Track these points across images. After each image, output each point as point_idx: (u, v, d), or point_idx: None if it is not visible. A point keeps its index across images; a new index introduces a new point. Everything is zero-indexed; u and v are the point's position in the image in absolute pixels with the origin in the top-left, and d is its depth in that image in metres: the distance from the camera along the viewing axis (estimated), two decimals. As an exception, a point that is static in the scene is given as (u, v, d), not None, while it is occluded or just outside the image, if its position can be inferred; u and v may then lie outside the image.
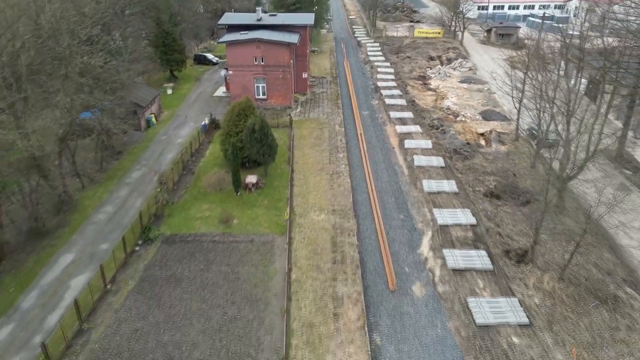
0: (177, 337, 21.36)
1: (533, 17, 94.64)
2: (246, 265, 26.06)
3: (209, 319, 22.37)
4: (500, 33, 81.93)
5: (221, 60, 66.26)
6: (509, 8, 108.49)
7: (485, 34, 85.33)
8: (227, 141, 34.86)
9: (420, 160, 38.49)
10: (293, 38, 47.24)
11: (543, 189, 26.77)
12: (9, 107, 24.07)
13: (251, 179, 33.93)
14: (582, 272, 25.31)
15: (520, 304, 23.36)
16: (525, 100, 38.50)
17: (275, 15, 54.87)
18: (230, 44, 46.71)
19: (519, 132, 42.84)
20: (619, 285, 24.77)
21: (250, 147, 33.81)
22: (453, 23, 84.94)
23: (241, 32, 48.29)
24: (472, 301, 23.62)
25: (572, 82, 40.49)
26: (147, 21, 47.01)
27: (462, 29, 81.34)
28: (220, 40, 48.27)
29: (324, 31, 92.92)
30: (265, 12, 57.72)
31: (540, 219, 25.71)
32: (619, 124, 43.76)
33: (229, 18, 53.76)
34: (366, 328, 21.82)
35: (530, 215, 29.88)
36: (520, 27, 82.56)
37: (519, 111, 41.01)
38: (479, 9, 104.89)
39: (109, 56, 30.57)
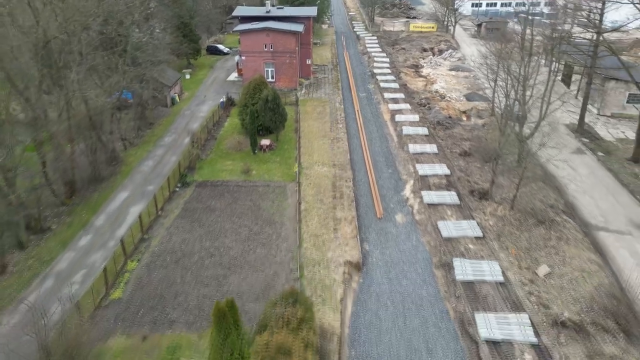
0: (216, 244, 28.90)
1: (523, 13, 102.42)
2: (265, 201, 33.63)
3: (238, 233, 29.91)
4: (490, 27, 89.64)
5: (232, 51, 74.00)
6: (501, 5, 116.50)
7: (476, 29, 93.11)
8: (245, 112, 42.43)
9: (408, 130, 46.02)
10: (298, 27, 54.99)
11: (505, 146, 34.37)
12: (88, 70, 31.81)
13: (265, 141, 41.53)
14: (529, 204, 32.82)
15: (478, 224, 30.90)
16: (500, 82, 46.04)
17: (282, 8, 62.58)
18: (243, 32, 54.43)
19: (495, 108, 50.39)
20: (557, 213, 32.29)
21: (264, 115, 41.37)
22: (446, 18, 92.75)
23: (252, 23, 55.99)
24: (440, 223, 31.14)
25: (540, 67, 47.93)
26: (169, 13, 54.62)
27: (453, 24, 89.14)
28: (235, 29, 56.05)
29: (325, 26, 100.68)
30: (273, 5, 65.27)
31: (495, 163, 33.30)
32: (591, 107, 51.34)
33: (242, 10, 61.56)
34: (358, 237, 29.39)
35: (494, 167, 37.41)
36: (508, 22, 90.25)
37: (494, 89, 48.55)
38: (472, 6, 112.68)
39: (150, 38, 38.30)
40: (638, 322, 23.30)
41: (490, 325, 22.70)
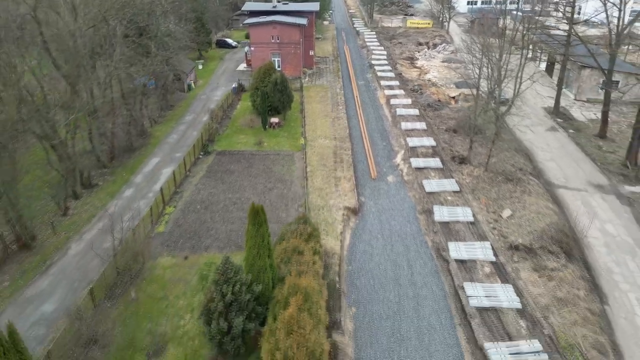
0: (237, 195, 35.35)
1: (516, 11, 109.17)
2: (276, 165, 40.09)
3: (255, 188, 36.35)
4: (482, 23, 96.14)
5: (239, 45, 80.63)
6: (496, 3, 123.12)
7: (470, 24, 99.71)
8: (256, 93, 48.87)
9: (401, 111, 52.48)
10: (302, 21, 61.60)
11: (484, 120, 40.88)
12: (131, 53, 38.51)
13: (274, 119, 48.01)
14: (501, 167, 39.23)
15: (456, 182, 37.32)
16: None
17: (287, 3, 69.20)
18: (252, 25, 61.04)
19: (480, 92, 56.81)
20: (525, 174, 38.70)
21: (273, 96, 47.82)
22: (441, 15, 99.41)
23: (260, 17, 62.58)
24: (425, 182, 37.55)
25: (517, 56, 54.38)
26: (187, 8, 61.21)
27: (448, 20, 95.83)
28: (244, 22, 62.64)
29: (326, 22, 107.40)
30: (279, 1, 71.81)
31: (472, 133, 39.77)
32: (569, 93, 57.85)
33: (250, 6, 68.15)
34: (355, 191, 35.85)
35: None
36: (499, 19, 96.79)
37: (479, 75, 54.95)
38: (468, 4, 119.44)
39: (176, 27, 45.02)
40: (578, 247, 29.77)
41: (459, 249, 29.11)
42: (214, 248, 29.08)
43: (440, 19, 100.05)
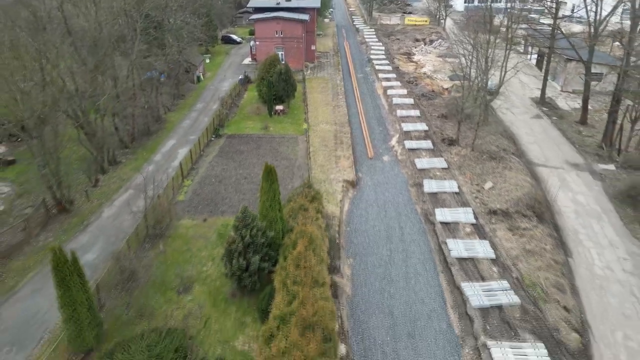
0: (247, 171, 39.71)
1: (511, 9, 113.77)
2: (282, 146, 44.47)
3: (263, 165, 40.64)
4: (477, 21, 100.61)
5: (244, 40, 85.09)
6: (492, 2, 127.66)
7: (466, 22, 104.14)
8: (262, 83, 53.27)
9: (397, 100, 56.86)
10: (304, 16, 66.04)
11: (472, 105, 45.27)
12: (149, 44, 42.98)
13: (279, 107, 52.41)
14: (486, 148, 43.56)
15: (445, 160, 41.71)
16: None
17: (289, 0, 73.59)
18: (257, 21, 65.49)
19: (470, 83, 61.25)
20: (508, 154, 43.06)
21: (278, 85, 52.20)
22: (438, 13, 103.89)
23: (265, 13, 67.02)
24: (416, 160, 41.91)
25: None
26: (196, 4, 65.74)
27: (444, 17, 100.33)
28: (250, 18, 67.05)
29: (327, 20, 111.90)
30: (282, -1, 76.26)
31: (460, 118, 44.18)
32: (556, 84, 62.30)
33: (255, 2, 72.57)
34: (353, 167, 40.25)
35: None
36: (495, 17, 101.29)
37: (469, 67, 59.37)
38: (465, 2, 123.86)
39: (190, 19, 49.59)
40: (549, 212, 34.15)
41: (444, 214, 33.47)
42: (228, 213, 33.42)
43: (437, 16, 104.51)
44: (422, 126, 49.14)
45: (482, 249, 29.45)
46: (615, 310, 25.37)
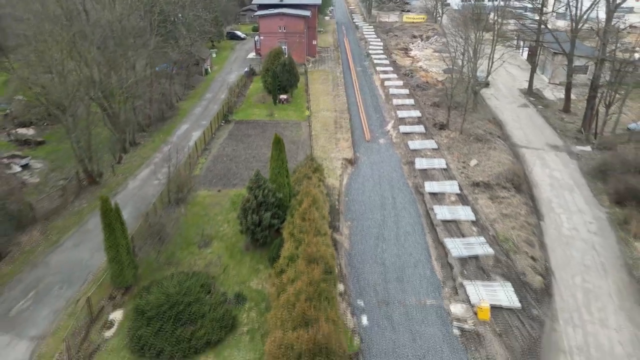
0: (255, 152, 44.04)
1: (498, 6, 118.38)
2: (286, 130, 48.81)
3: (269, 146, 44.80)
4: (475, 18, 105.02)
5: (248, 37, 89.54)
6: (489, 0, 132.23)
7: (462, 19, 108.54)
8: (267, 74, 57.61)
9: (393, 90, 61.22)
10: (306, 12, 70.44)
11: (461, 93, 49.71)
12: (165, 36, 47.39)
13: (283, 96, 56.77)
14: (474, 132, 47.86)
15: (435, 142, 46.05)
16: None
17: (292, -2, 78.13)
18: (262, 17, 69.91)
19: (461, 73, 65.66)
20: (493, 137, 47.39)
21: (282, 75, 56.55)
22: (435, 10, 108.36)
23: (269, 9, 71.42)
24: (410, 142, 46.26)
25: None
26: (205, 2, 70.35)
27: (441, 15, 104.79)
28: (255, 14, 71.50)
29: (327, 18, 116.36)
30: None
31: (449, 105, 48.57)
32: (544, 77, 66.71)
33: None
34: (352, 148, 44.61)
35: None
36: (490, 14, 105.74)
37: (462, 60, 63.72)
38: (462, 0, 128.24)
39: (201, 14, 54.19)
40: (527, 185, 38.48)
41: (432, 186, 37.79)
42: (239, 185, 37.74)
43: (435, 14, 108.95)
44: (415, 113, 53.51)
45: (464, 213, 33.79)
46: (577, 261, 29.69)
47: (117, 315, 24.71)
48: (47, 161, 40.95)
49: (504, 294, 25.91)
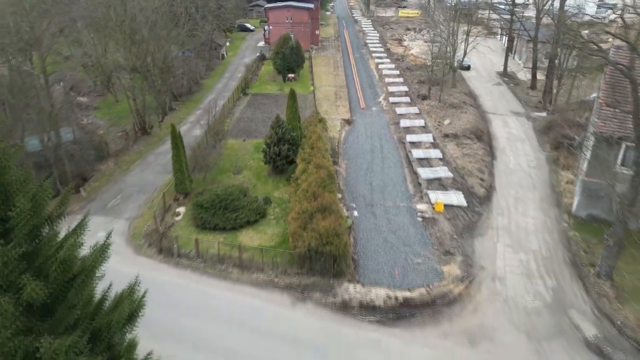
0: (270, 115, 54.85)
1: (498, 4, 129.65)
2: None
3: (282, 111, 56.09)
4: (464, 13, 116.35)
5: (257, 29, 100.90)
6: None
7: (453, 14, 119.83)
8: (277, 56, 68.74)
9: (386, 71, 72.34)
10: (310, 5, 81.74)
11: (444, 75, 60.90)
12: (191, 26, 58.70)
13: (291, 75, 67.94)
14: (451, 102, 58.94)
15: (418, 108, 57.15)
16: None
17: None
18: (271, 8, 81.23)
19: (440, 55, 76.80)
20: (466, 105, 58.44)
21: (290, 57, 67.67)
22: (428, 5, 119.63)
23: (277, 2, 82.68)
24: (397, 109, 57.32)
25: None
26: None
27: (433, 10, 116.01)
28: (265, 6, 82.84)
29: (328, 13, 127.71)
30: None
31: (429, 77, 59.71)
32: (519, 61, 77.76)
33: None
34: (349, 113, 55.74)
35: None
36: (479, 9, 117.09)
37: (446, 47, 74.86)
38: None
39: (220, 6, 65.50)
40: (487, 136, 49.54)
41: (412, 138, 48.84)
42: (259, 137, 48.74)
43: (428, 10, 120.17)
44: (403, 88, 64.66)
45: (434, 154, 44.86)
46: (515, 183, 40.71)
47: (181, 209, 35.78)
48: (105, 119, 52.11)
49: (456, 198, 36.96)
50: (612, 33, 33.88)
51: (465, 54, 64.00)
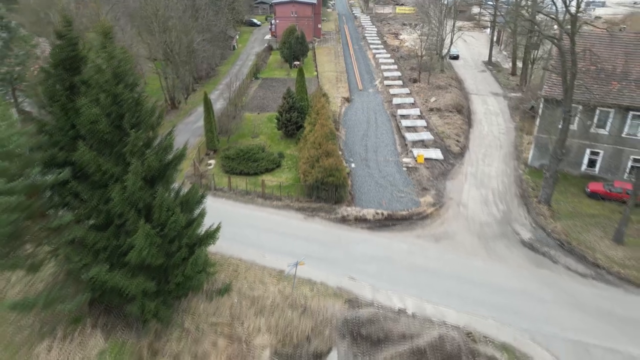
0: (279, 95, 64.00)
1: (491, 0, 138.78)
2: (300, 83, 69.07)
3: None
4: (459, 10, 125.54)
5: (263, 24, 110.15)
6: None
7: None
8: (284, 45, 77.85)
9: (382, 60, 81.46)
10: (313, 1, 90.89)
11: (433, 62, 69.96)
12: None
13: (296, 62, 77.05)
14: (438, 84, 67.96)
15: (409, 89, 66.23)
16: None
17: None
18: (277, 4, 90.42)
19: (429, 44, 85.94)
20: (451, 87, 67.46)
21: (296, 46, 76.75)
22: (424, 2, 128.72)
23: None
24: (390, 90, 66.40)
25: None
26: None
27: (428, 6, 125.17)
28: (272, 2, 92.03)
29: (329, 9, 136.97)
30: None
31: (420, 64, 68.84)
32: (505, 52, 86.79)
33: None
34: (349, 92, 64.87)
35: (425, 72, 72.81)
36: (473, 6, 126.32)
37: (436, 38, 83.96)
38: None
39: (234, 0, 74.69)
40: (466, 110, 58.63)
41: (402, 111, 57.93)
42: (271, 111, 57.85)
43: (424, 6, 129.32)
44: (397, 73, 73.80)
45: (420, 123, 53.93)
46: (485, 144, 49.75)
47: (212, 161, 44.83)
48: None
49: (434, 153, 46.03)
50: (543, 12, 43.05)
51: (451, 43, 73.10)
